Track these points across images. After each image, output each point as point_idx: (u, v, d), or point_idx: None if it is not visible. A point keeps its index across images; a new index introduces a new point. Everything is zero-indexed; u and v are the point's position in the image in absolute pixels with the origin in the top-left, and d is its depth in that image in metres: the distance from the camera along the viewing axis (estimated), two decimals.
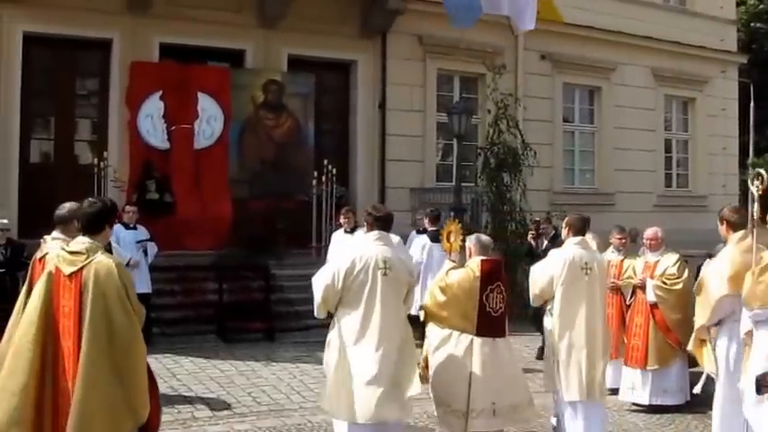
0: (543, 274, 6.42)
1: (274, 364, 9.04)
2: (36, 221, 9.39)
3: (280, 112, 13.53)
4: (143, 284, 9.39)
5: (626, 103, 17.41)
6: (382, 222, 5.52)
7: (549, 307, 6.36)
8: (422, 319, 6.07)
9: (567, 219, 6.89)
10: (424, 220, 10.64)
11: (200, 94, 12.81)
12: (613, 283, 8.21)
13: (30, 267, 5.20)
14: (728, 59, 19.44)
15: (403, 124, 14.76)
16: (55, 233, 5.18)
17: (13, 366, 4.22)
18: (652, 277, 7.90)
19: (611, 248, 8.64)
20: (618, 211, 16.24)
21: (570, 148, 17.27)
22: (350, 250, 5.58)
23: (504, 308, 5.86)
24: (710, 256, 14.38)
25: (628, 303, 8.15)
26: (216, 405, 7.47)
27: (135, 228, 10.08)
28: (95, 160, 11.86)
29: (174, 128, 12.60)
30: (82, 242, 4.40)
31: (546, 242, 10.55)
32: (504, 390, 5.76)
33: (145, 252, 10.03)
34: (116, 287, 4.28)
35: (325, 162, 12.82)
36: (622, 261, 8.42)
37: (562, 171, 16.82)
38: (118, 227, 9.98)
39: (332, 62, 14.60)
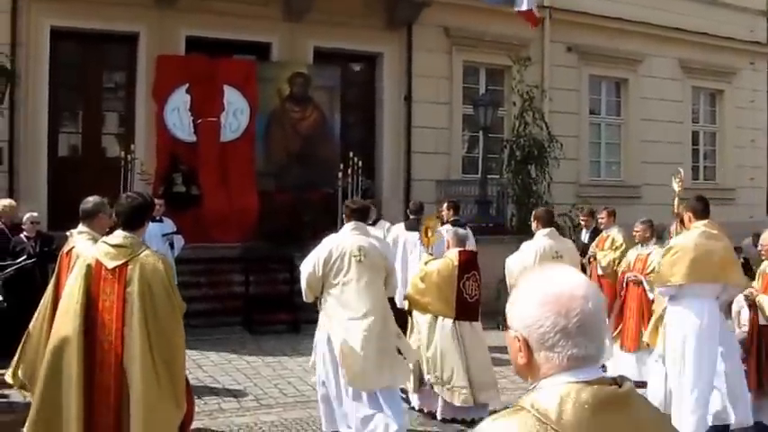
0: (517, 265, 6.99)
1: (300, 355, 9.10)
2: (64, 214, 9.48)
3: (306, 104, 13.54)
4: None
5: (653, 94, 17.22)
6: (358, 214, 6.10)
7: None
8: (406, 308, 6.78)
9: (535, 212, 7.70)
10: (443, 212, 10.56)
11: (226, 87, 12.86)
12: (635, 276, 8.17)
13: (57, 261, 5.27)
14: (758, 51, 19.14)
15: (429, 116, 14.71)
16: (81, 227, 5.23)
17: (59, 365, 4.20)
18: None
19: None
20: (644, 203, 16.08)
21: (596, 141, 17.13)
22: (328, 240, 6.05)
23: (478, 295, 6.57)
24: (738, 249, 14.29)
25: (652, 298, 8.07)
26: (242, 396, 7.53)
27: (161, 220, 10.14)
28: (122, 153, 11.94)
29: (200, 121, 12.66)
30: (123, 236, 4.39)
31: (588, 234, 10.63)
32: (480, 369, 6.49)
33: (171, 245, 10.09)
34: (162, 282, 4.29)
35: (351, 154, 12.81)
36: (648, 255, 8.32)
37: (588, 163, 16.69)
38: None
39: (358, 54, 14.60)
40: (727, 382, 6.21)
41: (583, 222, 11.19)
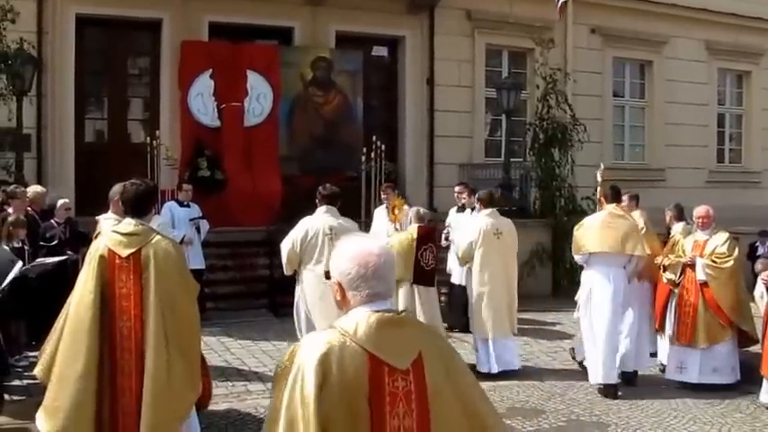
0: (465, 240, 8.08)
1: None
2: (91, 200, 9.62)
3: (328, 88, 13.58)
4: (196, 260, 9.59)
5: (678, 77, 17.03)
6: (328, 199, 7.00)
7: (469, 266, 8.11)
8: None
9: (478, 194, 8.66)
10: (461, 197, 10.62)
11: (249, 73, 12.92)
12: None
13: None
14: None
15: (451, 100, 14.68)
16: (110, 212, 5.34)
17: (74, 351, 4.24)
18: (702, 256, 7.80)
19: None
20: (668, 187, 15.98)
21: (620, 124, 17.00)
22: (303, 222, 6.96)
23: (434, 264, 7.73)
24: (764, 233, 14.17)
25: (677, 281, 8.03)
26: (269, 379, 7.60)
27: (188, 206, 10.26)
28: (148, 139, 12.04)
29: (224, 106, 12.75)
30: (132, 224, 4.42)
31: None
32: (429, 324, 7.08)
33: (198, 229, 10.21)
34: (177, 266, 4.35)
35: (374, 138, 12.84)
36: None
37: (612, 146, 16.56)
38: (173, 204, 10.20)
39: (380, 38, 14.59)
40: (630, 335, 7.72)
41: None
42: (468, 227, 8.27)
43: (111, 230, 4.54)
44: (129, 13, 12.45)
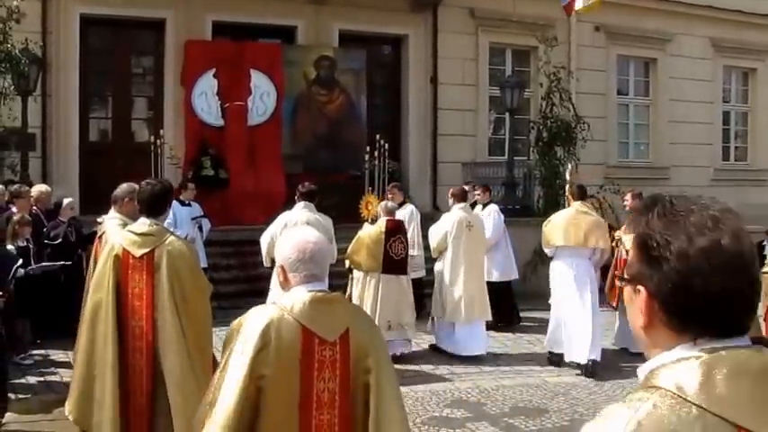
0: (439, 232, 8.69)
1: None
2: (96, 199, 9.64)
3: (332, 87, 13.59)
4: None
5: (683, 74, 16.97)
6: (306, 195, 7.98)
7: (442, 255, 8.75)
8: (347, 266, 8.44)
9: (451, 190, 9.23)
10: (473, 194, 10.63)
11: (252, 71, 12.94)
12: None
13: (94, 245, 5.39)
14: None
15: (455, 98, 14.67)
16: (111, 212, 5.36)
17: (93, 349, 4.30)
18: None
19: None
20: (673, 185, 15.94)
21: (624, 122, 16.97)
22: (282, 216, 7.87)
23: (404, 254, 8.27)
24: None
25: None
26: None
27: (189, 205, 10.28)
28: (152, 138, 12.07)
29: (227, 105, 12.77)
30: (147, 223, 4.44)
31: None
32: (400, 312, 8.16)
33: (200, 228, 10.23)
34: (189, 267, 4.36)
35: (378, 137, 12.83)
36: None
37: (616, 145, 16.53)
38: (174, 203, 10.20)
39: (383, 37, 14.59)
40: (593, 320, 8.14)
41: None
42: (442, 220, 8.96)
43: (126, 230, 4.55)
44: (132, 12, 12.48)
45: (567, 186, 9.25)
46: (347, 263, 8.48)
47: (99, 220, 5.51)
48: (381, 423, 2.66)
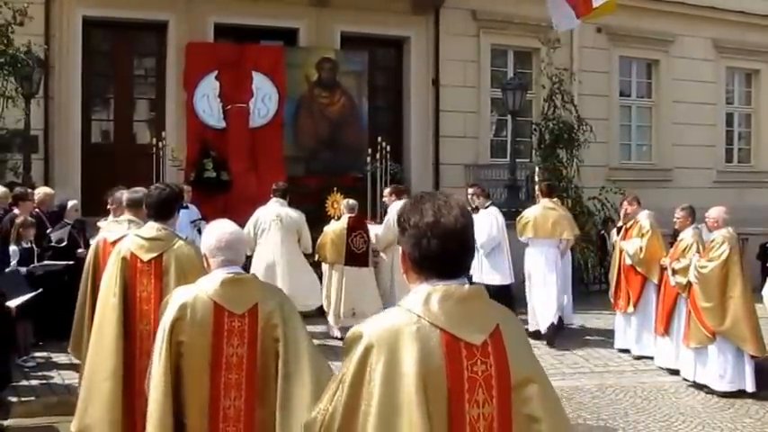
0: (386, 231, 9.47)
1: (330, 339, 9.18)
2: (98, 201, 9.64)
3: (334, 89, 13.58)
4: None
5: (685, 76, 16.91)
6: (279, 192, 9.30)
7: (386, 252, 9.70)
8: (317, 259, 9.49)
9: (391, 188, 10.42)
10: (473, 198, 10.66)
11: (254, 74, 12.94)
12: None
13: (94, 248, 5.38)
14: None
15: (457, 100, 14.66)
16: (110, 217, 5.37)
17: (101, 353, 4.32)
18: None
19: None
20: (676, 187, 15.90)
21: (627, 123, 16.92)
22: (257, 210, 9.32)
23: (365, 248, 9.23)
24: None
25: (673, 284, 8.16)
26: None
27: (187, 207, 10.25)
28: (154, 140, 12.08)
29: (229, 107, 12.77)
30: (156, 228, 4.46)
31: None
32: (363, 301, 9.05)
33: (199, 231, 10.20)
34: (198, 271, 4.36)
35: (379, 139, 12.83)
36: (680, 241, 8.30)
37: (618, 146, 16.47)
38: None
39: (385, 39, 14.56)
40: (558, 298, 9.59)
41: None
42: (388, 218, 9.70)
43: (135, 234, 4.57)
44: (135, 14, 12.50)
45: (537, 185, 10.76)
46: (317, 256, 9.52)
47: (99, 224, 5.55)
48: (288, 380, 3.13)
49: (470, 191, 10.69)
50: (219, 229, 3.31)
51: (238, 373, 3.21)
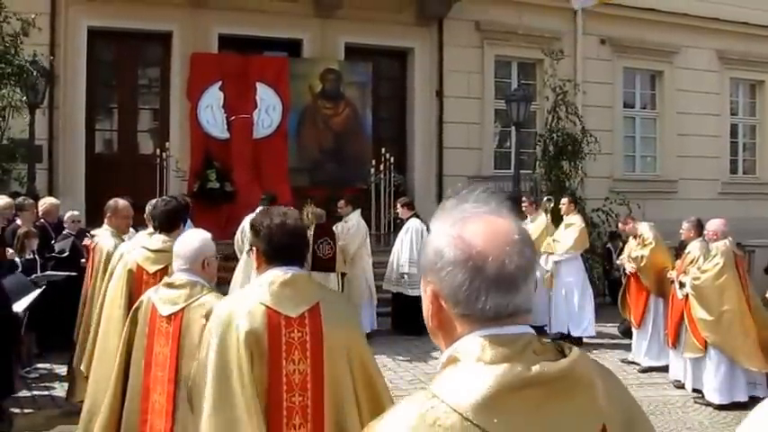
0: (354, 238, 9.98)
1: None
2: (101, 210, 9.62)
3: (337, 100, 13.60)
4: None
5: (689, 87, 16.90)
6: (267, 201, 9.36)
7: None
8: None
9: (345, 197, 10.50)
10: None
11: (258, 84, 12.97)
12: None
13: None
14: None
15: (460, 112, 14.66)
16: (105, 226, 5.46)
17: (105, 366, 4.31)
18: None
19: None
20: (680, 198, 15.87)
21: (631, 135, 16.90)
22: (246, 218, 8.81)
23: (331, 254, 9.60)
24: None
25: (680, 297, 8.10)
26: None
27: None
28: (157, 150, 12.10)
29: (233, 118, 12.79)
30: (162, 241, 4.48)
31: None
32: None
33: None
34: None
35: (383, 150, 12.84)
36: (687, 254, 8.26)
37: (623, 158, 16.46)
38: None
39: (389, 50, 14.59)
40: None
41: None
42: (360, 227, 10.23)
43: (141, 246, 4.59)
44: (139, 25, 12.55)
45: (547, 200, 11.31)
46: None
47: (95, 233, 5.62)
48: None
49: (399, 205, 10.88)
50: (190, 237, 3.69)
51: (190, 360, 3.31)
